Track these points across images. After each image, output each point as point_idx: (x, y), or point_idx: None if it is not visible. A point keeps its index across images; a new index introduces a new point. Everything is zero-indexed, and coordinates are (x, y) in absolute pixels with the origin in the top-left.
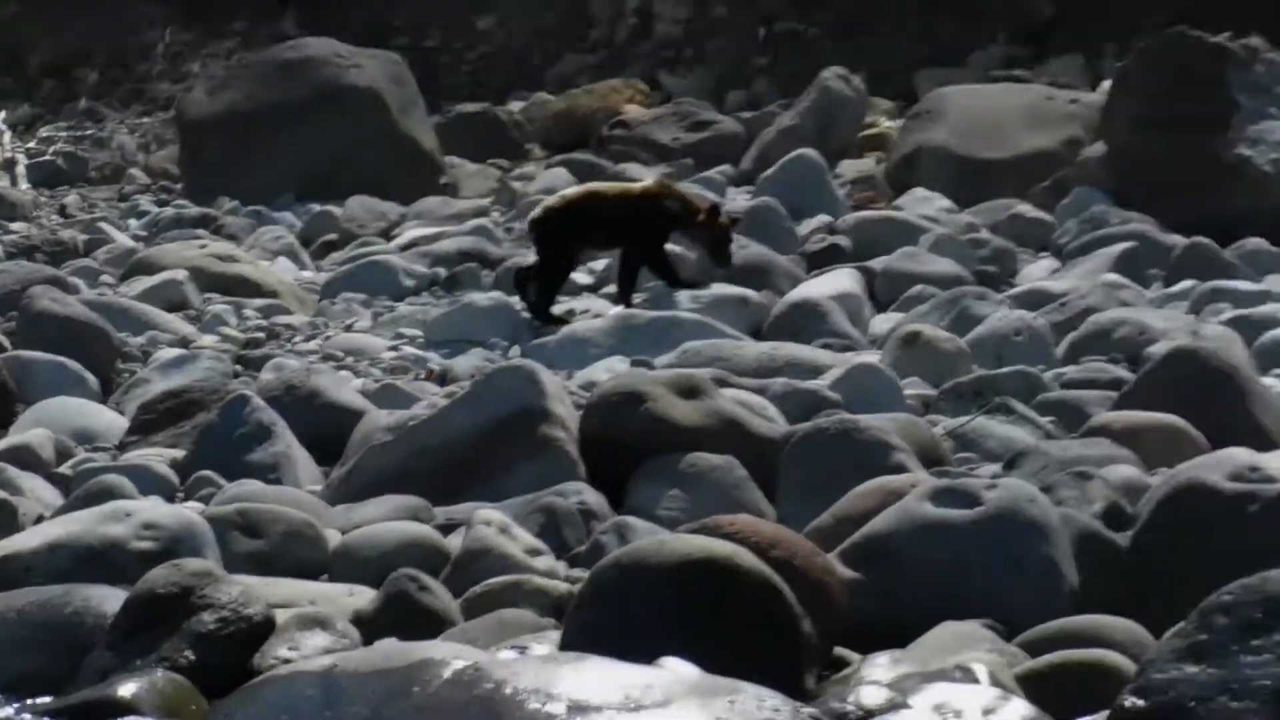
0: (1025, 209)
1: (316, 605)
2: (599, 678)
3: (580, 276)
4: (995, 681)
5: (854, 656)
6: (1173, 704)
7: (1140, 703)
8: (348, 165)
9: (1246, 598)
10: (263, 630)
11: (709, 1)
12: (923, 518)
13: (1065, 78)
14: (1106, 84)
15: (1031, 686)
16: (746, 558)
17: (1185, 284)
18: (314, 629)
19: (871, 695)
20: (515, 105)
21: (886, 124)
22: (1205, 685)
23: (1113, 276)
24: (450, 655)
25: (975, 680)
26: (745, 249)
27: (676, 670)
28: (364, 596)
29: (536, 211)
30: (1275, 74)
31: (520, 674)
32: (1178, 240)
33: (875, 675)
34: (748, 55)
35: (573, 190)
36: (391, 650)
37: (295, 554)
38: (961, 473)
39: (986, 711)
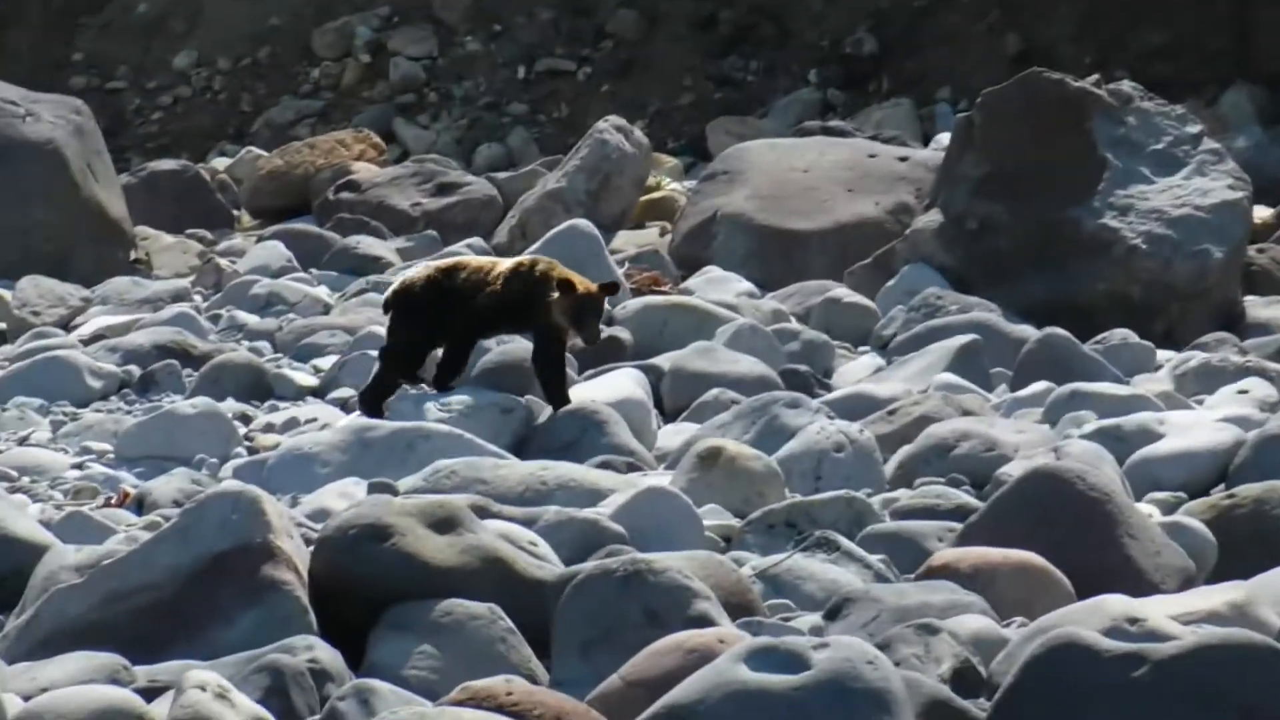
0: (843, 293)
1: None
2: None
3: (303, 376)
4: None
5: None
6: None
7: None
8: (19, 238)
9: None
10: None
11: (456, 34)
12: (739, 684)
13: (892, 129)
14: (943, 137)
15: None
16: None
17: (1038, 386)
18: None
19: None
20: (220, 162)
21: (673, 186)
22: None
23: (950, 377)
24: None
25: None
26: (507, 343)
27: None
28: None
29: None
30: (1149, 126)
31: None
32: (1028, 332)
33: None
34: (503, 100)
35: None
36: None
37: None
38: (778, 625)
39: None
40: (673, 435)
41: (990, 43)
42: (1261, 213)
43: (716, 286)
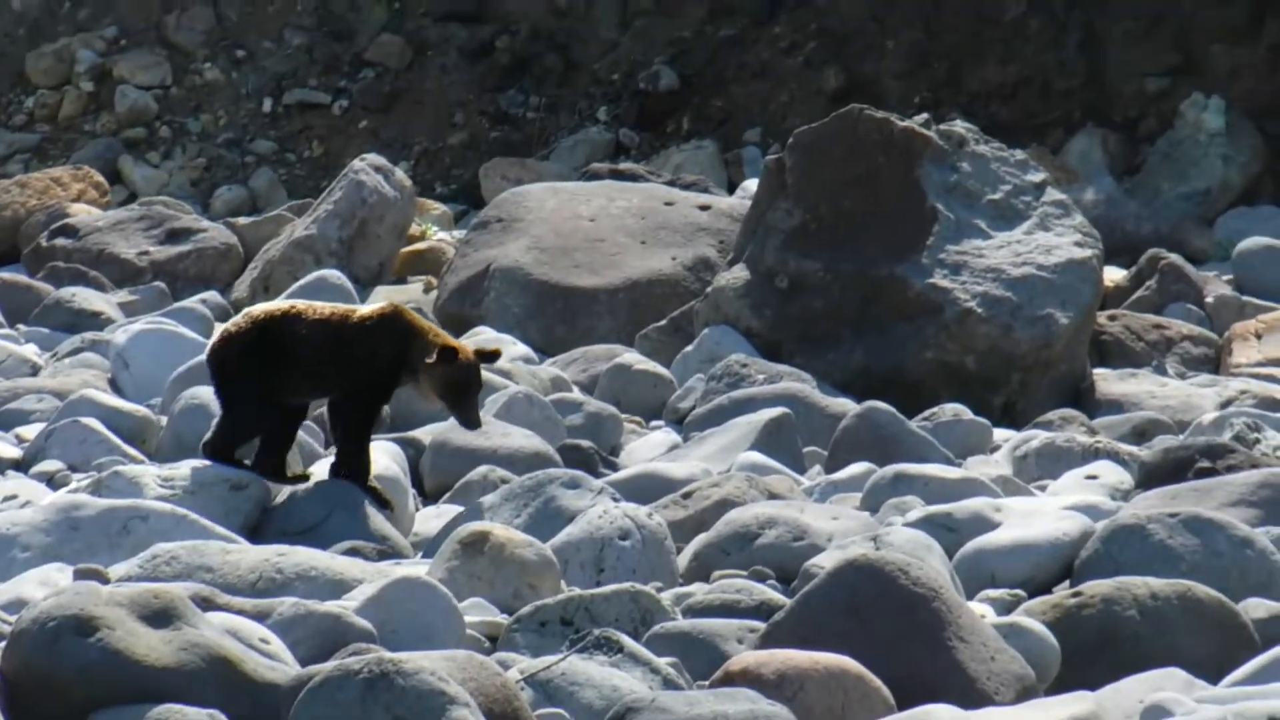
0: (634, 359)
1: None
2: None
3: (4, 446)
4: None
5: None
6: None
7: None
8: None
9: None
10: None
11: (192, 60)
12: None
13: (693, 173)
14: (751, 184)
15: None
16: None
17: (857, 468)
18: None
19: None
20: None
21: (441, 236)
22: None
23: (756, 456)
24: None
25: None
26: None
27: None
28: None
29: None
30: (985, 173)
31: None
32: (846, 405)
33: None
34: (247, 137)
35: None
36: None
37: None
38: None
39: None
40: (433, 519)
41: (807, 78)
42: (1113, 274)
43: None
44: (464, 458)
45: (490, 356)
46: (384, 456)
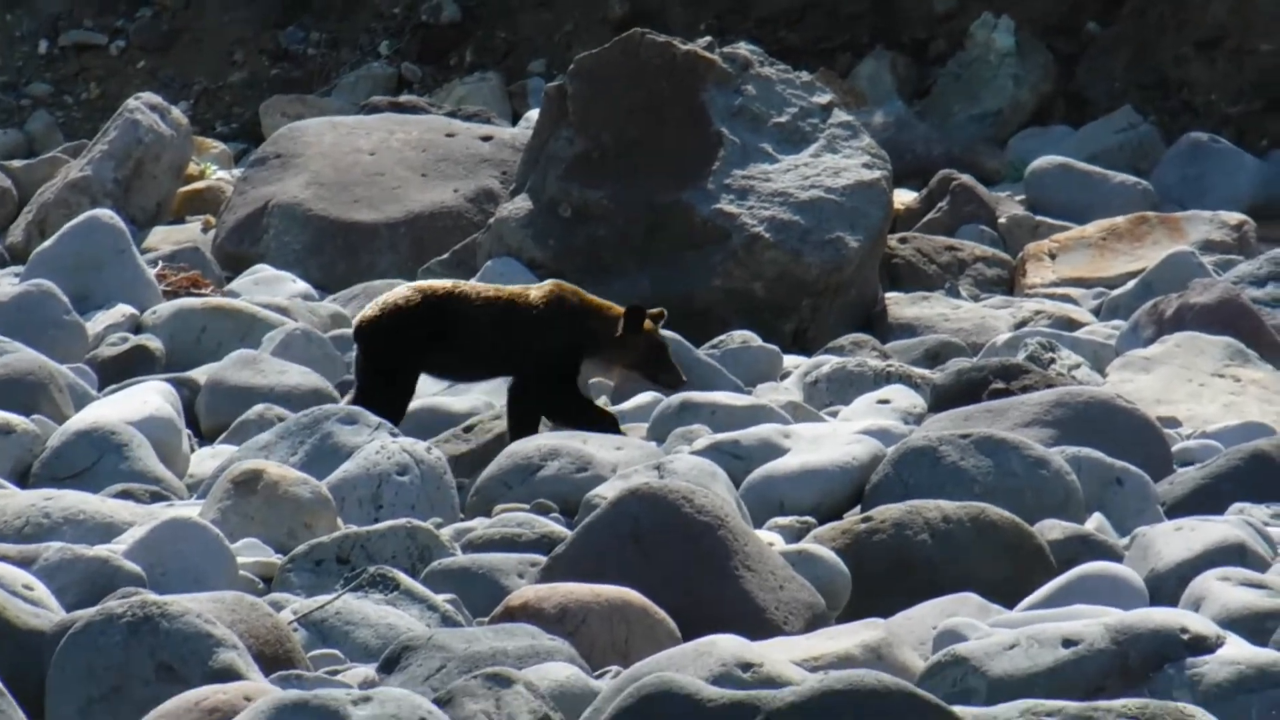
0: None
1: None
2: None
3: None
4: None
5: None
6: None
7: None
8: None
9: None
10: None
11: None
12: None
13: (475, 105)
14: (534, 114)
15: None
16: None
17: (644, 397)
18: None
19: None
20: None
21: (220, 175)
22: None
23: None
24: None
25: None
26: (11, 354)
27: None
28: None
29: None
30: (771, 96)
31: None
32: None
33: None
34: (22, 80)
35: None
36: None
37: None
38: (321, 679)
39: None
40: (208, 460)
41: (591, 7)
42: (904, 196)
43: (266, 287)
44: (240, 396)
45: (657, 318)
46: (156, 397)
